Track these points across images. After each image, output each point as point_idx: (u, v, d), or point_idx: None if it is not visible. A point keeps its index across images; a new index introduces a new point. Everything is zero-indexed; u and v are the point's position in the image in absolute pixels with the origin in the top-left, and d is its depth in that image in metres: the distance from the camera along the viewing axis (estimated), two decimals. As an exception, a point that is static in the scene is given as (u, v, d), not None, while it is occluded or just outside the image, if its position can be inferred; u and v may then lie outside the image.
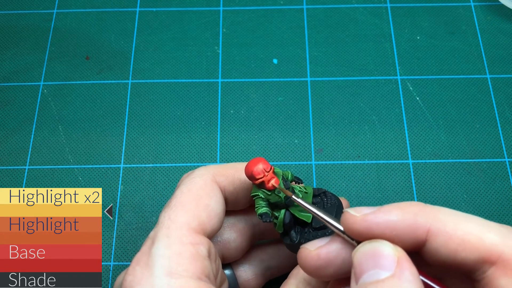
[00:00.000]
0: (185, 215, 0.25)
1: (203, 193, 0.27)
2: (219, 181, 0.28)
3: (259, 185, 0.27)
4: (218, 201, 0.27)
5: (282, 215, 0.27)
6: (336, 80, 0.43)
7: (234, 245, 0.30)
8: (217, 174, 0.28)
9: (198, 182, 0.27)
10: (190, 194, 0.27)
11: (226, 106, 0.42)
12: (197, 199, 0.26)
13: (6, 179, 0.39)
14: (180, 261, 0.23)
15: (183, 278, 0.23)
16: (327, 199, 0.28)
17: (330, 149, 0.40)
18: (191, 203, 0.26)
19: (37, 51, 0.44)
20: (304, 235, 0.27)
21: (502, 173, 0.39)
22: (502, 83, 0.42)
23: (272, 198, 0.27)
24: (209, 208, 0.26)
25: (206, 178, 0.27)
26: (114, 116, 0.42)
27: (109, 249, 0.37)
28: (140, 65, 0.44)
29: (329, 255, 0.23)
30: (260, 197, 0.27)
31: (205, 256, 0.25)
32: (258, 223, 0.31)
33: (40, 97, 0.42)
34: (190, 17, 0.46)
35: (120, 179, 0.39)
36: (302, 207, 0.26)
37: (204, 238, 0.25)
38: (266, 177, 0.26)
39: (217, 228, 0.27)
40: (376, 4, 0.46)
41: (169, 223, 0.25)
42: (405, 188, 0.38)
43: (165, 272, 0.23)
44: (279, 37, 0.45)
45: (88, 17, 0.46)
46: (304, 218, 0.27)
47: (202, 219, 0.26)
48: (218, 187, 0.28)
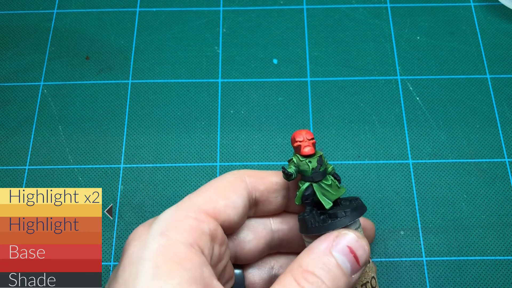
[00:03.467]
0: (202, 197, 0.27)
1: (228, 186, 0.28)
2: (250, 182, 0.29)
3: (296, 150, 0.28)
4: (240, 196, 0.28)
5: (304, 187, 0.28)
6: (336, 80, 0.43)
7: (248, 246, 0.30)
8: (247, 175, 0.29)
9: (226, 177, 0.29)
10: (215, 184, 0.28)
11: (226, 106, 0.42)
12: (219, 189, 0.28)
13: (6, 179, 0.39)
14: (176, 226, 0.25)
15: (173, 240, 0.24)
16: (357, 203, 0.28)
17: (330, 149, 0.40)
18: (213, 190, 0.28)
19: (37, 51, 0.44)
20: (317, 219, 0.27)
21: (502, 173, 0.39)
22: (502, 83, 0.42)
23: (301, 165, 0.28)
24: (229, 199, 0.27)
25: (236, 176, 0.29)
26: (114, 116, 0.42)
27: (109, 249, 0.37)
28: (140, 65, 0.44)
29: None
30: (293, 161, 0.28)
31: (205, 232, 0.25)
32: (278, 230, 0.31)
33: (40, 97, 0.42)
34: (190, 17, 0.46)
35: (120, 179, 0.39)
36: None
37: (212, 220, 0.26)
38: (304, 143, 0.28)
39: (232, 220, 0.28)
40: (376, 4, 0.46)
41: (186, 200, 0.27)
42: (405, 188, 0.38)
43: (159, 231, 0.24)
44: (279, 37, 0.45)
45: (88, 17, 0.46)
46: (323, 202, 0.28)
47: (218, 206, 0.27)
48: (246, 186, 0.29)
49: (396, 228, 0.37)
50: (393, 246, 0.37)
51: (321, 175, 0.28)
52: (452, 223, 0.37)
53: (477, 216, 0.37)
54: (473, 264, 0.36)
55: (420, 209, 0.38)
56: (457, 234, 0.37)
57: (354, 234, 0.26)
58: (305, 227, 0.27)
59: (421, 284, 0.35)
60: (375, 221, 0.37)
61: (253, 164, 0.39)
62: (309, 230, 0.27)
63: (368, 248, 0.26)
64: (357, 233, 0.26)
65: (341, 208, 0.28)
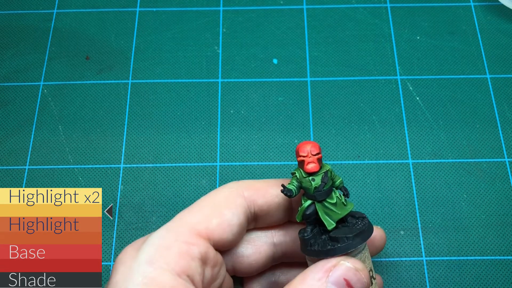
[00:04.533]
0: (194, 216, 0.26)
1: (223, 202, 0.27)
2: (248, 195, 0.28)
3: (299, 164, 0.26)
4: (236, 214, 0.27)
5: (306, 204, 0.26)
6: (336, 80, 0.43)
7: (248, 260, 0.29)
8: (246, 188, 0.28)
9: (222, 192, 0.28)
10: (210, 200, 0.27)
11: (226, 106, 0.42)
12: (213, 206, 0.27)
13: (6, 179, 0.39)
14: (164, 254, 0.24)
15: (159, 270, 0.23)
16: (362, 225, 0.26)
17: (330, 149, 0.40)
18: (206, 207, 0.27)
19: (37, 51, 0.44)
20: (318, 240, 0.26)
21: (502, 173, 0.39)
22: (502, 83, 0.42)
23: (304, 182, 0.26)
24: (223, 217, 0.26)
25: (232, 190, 0.28)
26: (114, 116, 0.42)
27: (109, 249, 0.37)
28: (140, 65, 0.44)
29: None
30: (296, 176, 0.26)
31: (194, 257, 0.24)
32: (280, 242, 0.30)
33: (40, 97, 0.42)
34: (190, 17, 0.46)
35: (120, 179, 0.39)
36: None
37: (203, 242, 0.25)
38: (308, 158, 0.26)
39: (226, 239, 0.26)
40: (376, 4, 0.46)
41: (177, 219, 0.26)
42: (405, 188, 0.38)
43: (147, 259, 0.24)
44: (279, 37, 0.45)
45: (88, 17, 0.46)
46: (326, 223, 0.26)
47: (211, 225, 0.26)
48: (243, 201, 0.27)
49: (396, 228, 0.37)
50: (393, 246, 0.37)
51: (325, 194, 0.26)
52: (452, 223, 0.37)
53: (477, 216, 0.37)
54: (473, 264, 0.36)
55: (420, 209, 0.38)
56: (457, 234, 0.37)
57: (354, 264, 0.25)
58: (304, 248, 0.26)
59: (421, 284, 0.35)
60: (375, 221, 0.37)
61: (253, 164, 0.39)
62: (308, 253, 0.26)
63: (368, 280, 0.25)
64: (358, 263, 0.25)
65: (344, 229, 0.26)
